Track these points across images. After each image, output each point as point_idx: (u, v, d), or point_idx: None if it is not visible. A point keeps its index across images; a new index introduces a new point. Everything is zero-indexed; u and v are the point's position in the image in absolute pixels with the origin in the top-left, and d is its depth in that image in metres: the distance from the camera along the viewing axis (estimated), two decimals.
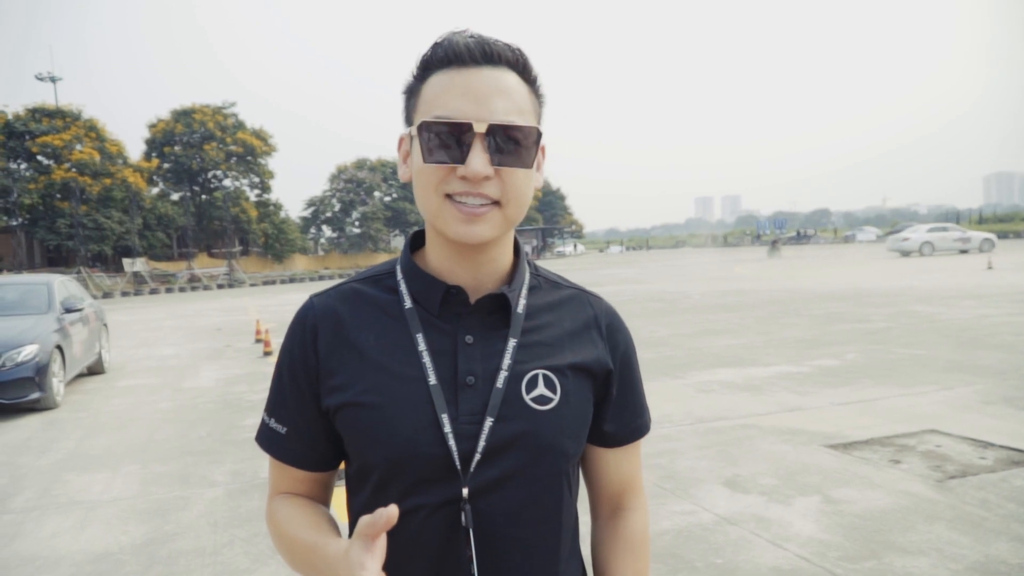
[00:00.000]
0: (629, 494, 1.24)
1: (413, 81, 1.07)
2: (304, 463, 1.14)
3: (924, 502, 4.41)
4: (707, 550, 3.91)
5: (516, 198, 1.03)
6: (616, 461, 1.21)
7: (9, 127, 41.67)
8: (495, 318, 1.09)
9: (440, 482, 1.03)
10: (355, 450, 1.09)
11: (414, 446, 1.02)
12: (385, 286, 1.13)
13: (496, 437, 1.03)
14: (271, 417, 1.15)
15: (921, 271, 24.99)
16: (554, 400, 1.07)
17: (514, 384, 1.06)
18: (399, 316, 1.09)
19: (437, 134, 0.99)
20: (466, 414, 1.04)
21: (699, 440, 5.93)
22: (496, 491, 1.04)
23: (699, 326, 13.12)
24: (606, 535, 1.22)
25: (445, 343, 1.07)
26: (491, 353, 1.07)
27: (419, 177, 1.03)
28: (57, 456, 6.50)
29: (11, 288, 10.32)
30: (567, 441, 1.08)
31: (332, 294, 1.15)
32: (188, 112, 50.02)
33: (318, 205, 62.07)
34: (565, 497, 1.11)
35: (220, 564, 4.05)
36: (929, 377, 7.84)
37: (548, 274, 1.21)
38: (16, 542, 4.52)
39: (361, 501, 1.10)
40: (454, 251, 1.08)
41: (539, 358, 1.09)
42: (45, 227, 41.46)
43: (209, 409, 8.15)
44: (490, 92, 1.00)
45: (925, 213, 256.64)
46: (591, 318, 1.17)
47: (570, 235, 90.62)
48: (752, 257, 46.31)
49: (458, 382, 1.05)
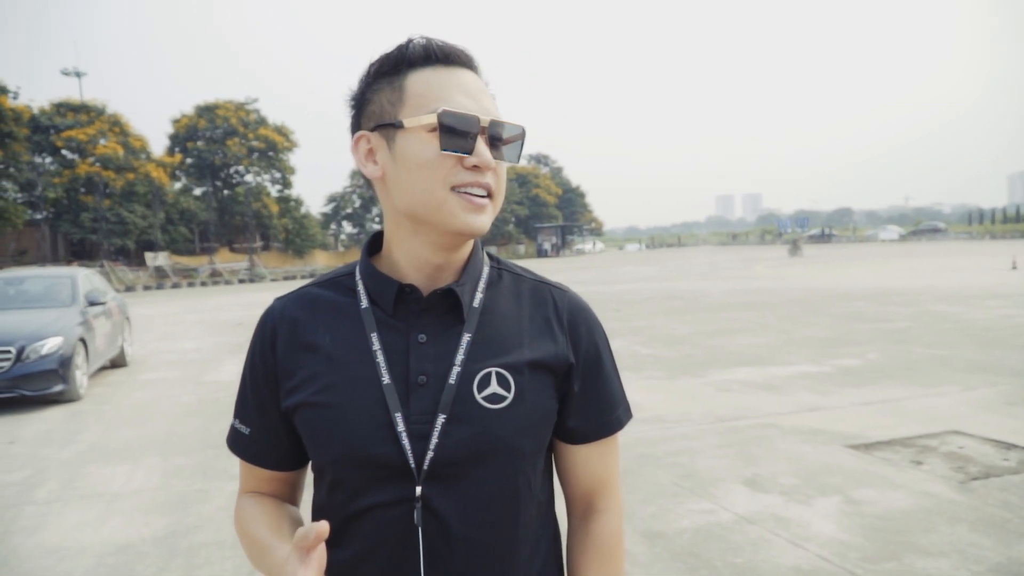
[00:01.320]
0: (601, 494, 1.21)
1: (385, 78, 1.06)
2: (267, 462, 1.17)
3: (946, 503, 4.36)
4: (726, 549, 3.89)
5: (501, 192, 1.07)
6: (585, 458, 1.18)
7: (35, 121, 42.11)
8: (450, 316, 1.09)
9: (393, 481, 1.03)
10: (311, 449, 1.10)
11: (367, 445, 1.03)
12: (344, 288, 1.14)
13: (448, 436, 1.03)
14: (236, 418, 1.19)
15: (944, 270, 24.72)
16: (508, 398, 1.06)
17: (466, 382, 1.05)
18: (355, 317, 1.10)
19: (452, 125, 1.00)
20: (418, 413, 1.04)
21: (718, 439, 5.90)
22: (449, 490, 1.03)
23: (719, 325, 13.05)
24: (577, 537, 1.21)
25: (399, 342, 1.07)
26: (444, 351, 1.07)
27: (423, 169, 1.02)
28: (80, 448, 6.57)
29: (36, 281, 10.45)
30: (522, 440, 1.07)
31: (292, 297, 1.17)
32: (211, 108, 50.36)
33: (338, 201, 62.37)
34: (523, 497, 1.09)
35: (240, 557, 4.08)
36: (952, 377, 7.76)
37: (511, 267, 1.20)
38: (39, 533, 4.58)
39: (319, 500, 1.12)
40: (439, 245, 1.07)
41: (494, 355, 1.08)
42: (69, 221, 41.91)
43: (229, 403, 8.11)
44: (479, 91, 1.05)
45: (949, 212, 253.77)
46: (552, 311, 1.15)
47: (589, 233, 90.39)
48: (772, 256, 46.02)
49: (410, 381, 1.05)
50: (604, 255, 69.25)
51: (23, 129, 39.00)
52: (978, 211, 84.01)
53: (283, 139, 51.99)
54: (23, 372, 8.12)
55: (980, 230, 70.02)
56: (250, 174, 52.71)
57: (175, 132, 50.62)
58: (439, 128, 1.01)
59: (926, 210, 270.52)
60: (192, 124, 50.07)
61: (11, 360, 8.11)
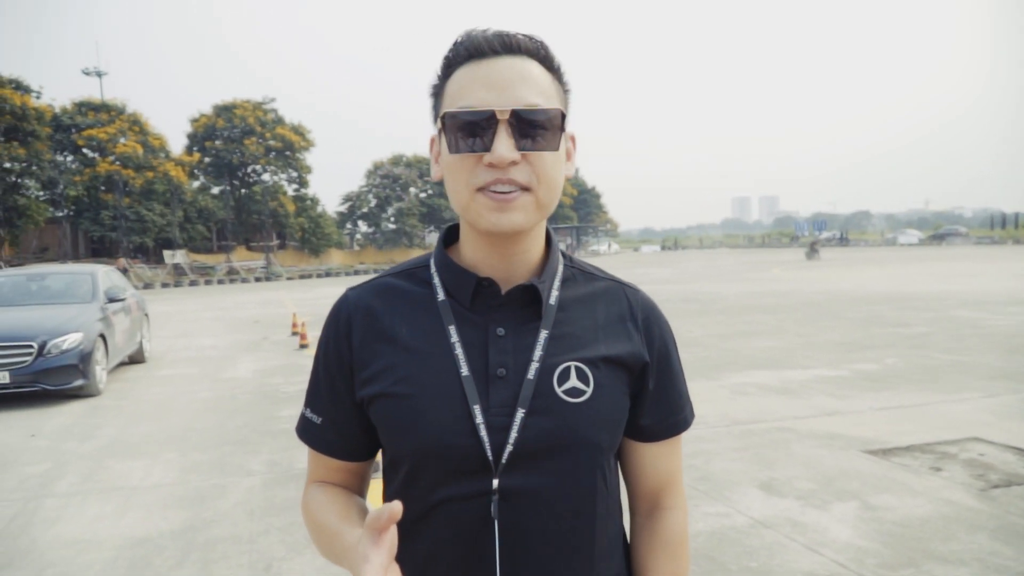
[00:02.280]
0: (667, 492, 1.21)
1: (438, 81, 1.08)
2: (338, 452, 1.16)
3: (966, 511, 4.32)
4: (741, 553, 3.87)
5: (546, 182, 1.03)
6: (654, 456, 1.19)
7: (56, 120, 42.53)
8: (528, 311, 1.09)
9: (471, 474, 1.03)
10: (387, 441, 1.10)
11: (445, 437, 1.03)
12: (419, 279, 1.14)
13: (528, 430, 1.03)
14: (308, 408, 1.18)
15: (965, 275, 24.49)
16: (587, 392, 1.06)
17: (546, 376, 1.05)
18: (432, 309, 1.10)
19: (461, 125, 1.00)
20: (497, 406, 1.03)
21: (734, 442, 5.88)
22: (527, 484, 1.03)
23: (735, 327, 13.00)
24: (644, 534, 1.21)
25: (477, 335, 1.07)
26: (523, 345, 1.07)
27: (449, 171, 1.04)
28: (99, 442, 6.64)
29: (57, 277, 10.58)
30: (600, 434, 1.08)
31: (367, 288, 1.16)
32: (229, 107, 50.65)
33: (354, 200, 62.48)
34: (600, 491, 1.09)
35: (256, 552, 4.11)
36: (972, 384, 7.69)
37: (584, 265, 1.20)
38: (59, 525, 4.62)
39: (393, 491, 1.12)
40: (487, 243, 1.08)
41: (571, 350, 1.08)
42: (89, 218, 42.28)
43: (246, 400, 8.26)
44: (511, 79, 1.00)
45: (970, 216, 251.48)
46: (626, 310, 1.16)
47: (604, 234, 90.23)
48: (789, 259, 45.78)
49: (489, 374, 1.05)
50: (619, 256, 69.09)
51: (45, 128, 39.40)
52: (1000, 215, 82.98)
53: (300, 138, 52.21)
54: (44, 367, 8.21)
55: (1002, 235, 69.25)
56: (267, 173, 52.97)
57: (193, 131, 50.95)
58: (444, 131, 1.02)
59: (947, 214, 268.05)
60: (210, 123, 50.37)
61: (33, 355, 8.20)
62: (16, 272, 10.91)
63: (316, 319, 16.22)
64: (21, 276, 10.64)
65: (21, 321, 8.73)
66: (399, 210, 61.18)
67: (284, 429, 6.80)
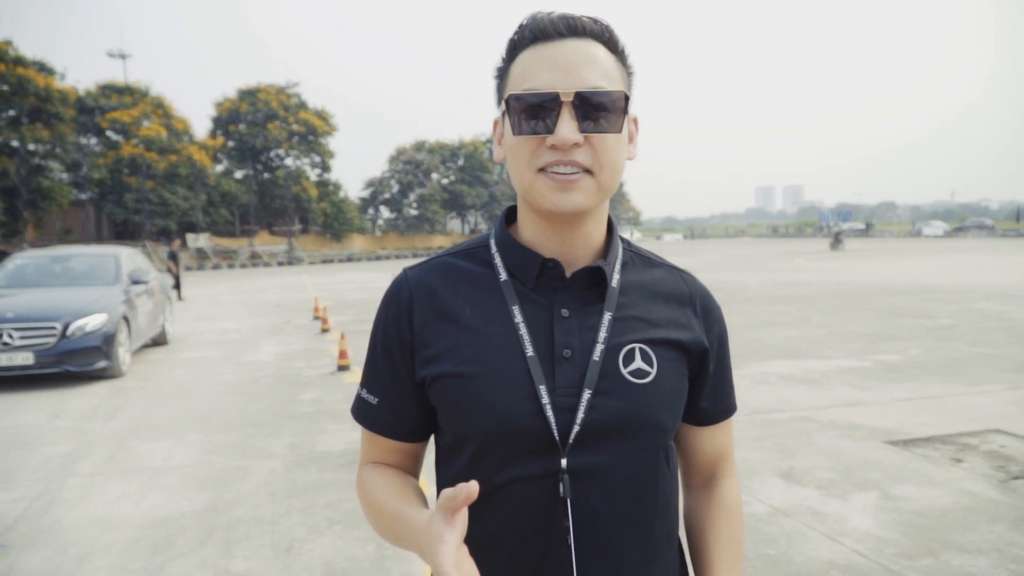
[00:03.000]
0: (722, 464, 1.25)
1: (503, 63, 1.08)
2: (394, 433, 1.16)
3: (985, 502, 4.29)
4: (760, 541, 3.87)
5: (609, 165, 1.02)
6: (711, 437, 1.23)
7: (81, 103, 42.88)
8: (591, 293, 1.09)
9: (538, 454, 1.03)
10: (451, 421, 1.10)
11: (512, 417, 1.03)
12: (479, 259, 1.14)
13: (595, 410, 1.03)
14: (363, 387, 1.17)
15: (990, 268, 24.19)
16: (651, 374, 1.07)
17: (611, 357, 1.06)
18: (494, 289, 1.10)
19: (525, 107, 1.00)
20: (564, 386, 1.04)
21: (755, 431, 5.86)
22: (594, 464, 1.04)
23: (758, 317, 12.92)
24: (702, 501, 1.24)
25: (541, 316, 1.07)
26: (587, 327, 1.07)
27: (512, 153, 1.04)
28: (122, 423, 6.72)
29: (81, 259, 10.69)
30: (664, 415, 1.09)
31: (426, 267, 1.16)
32: (253, 91, 50.86)
33: (377, 186, 62.65)
34: (663, 471, 1.11)
35: (277, 533, 4.15)
36: (996, 376, 7.60)
37: (640, 250, 1.21)
38: (83, 505, 4.69)
39: (455, 472, 1.11)
40: (548, 225, 1.08)
41: (635, 332, 1.09)
42: (113, 201, 42.68)
43: (268, 383, 8.33)
44: (576, 62, 1.00)
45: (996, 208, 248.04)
46: (686, 296, 1.17)
47: (627, 222, 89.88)
48: (813, 249, 45.41)
49: (555, 355, 1.05)
50: (641, 245, 68.72)
51: (69, 110, 39.71)
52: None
53: (323, 123, 52.36)
54: (68, 348, 8.32)
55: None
56: (290, 158, 53.20)
57: (217, 115, 51.23)
58: (507, 113, 1.03)
59: (973, 206, 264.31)
60: (234, 107, 50.62)
61: (56, 336, 8.31)
62: (40, 254, 11.03)
63: (338, 304, 16.33)
64: (45, 258, 10.76)
65: (45, 302, 8.83)
66: (421, 196, 61.29)
67: (305, 412, 6.85)
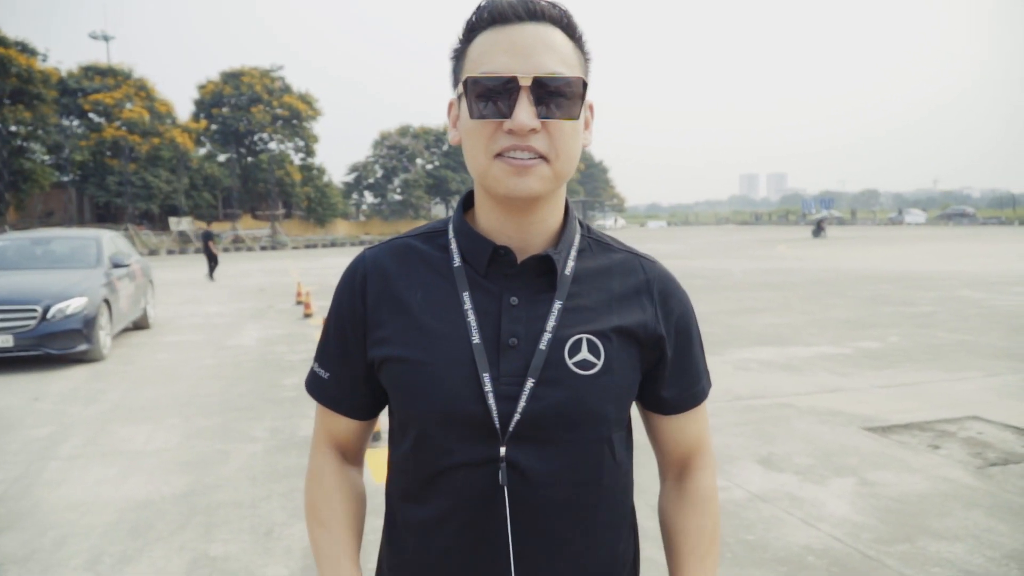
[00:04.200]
0: (696, 455, 1.23)
1: (459, 45, 1.07)
2: (344, 408, 1.17)
3: (962, 488, 4.34)
4: (738, 526, 3.90)
5: (565, 151, 1.02)
6: (679, 427, 1.21)
7: (63, 84, 42.39)
8: (542, 281, 1.08)
9: (479, 441, 1.03)
10: (398, 404, 1.11)
11: (455, 403, 1.03)
12: (437, 243, 1.14)
13: (537, 400, 1.03)
14: (316, 362, 1.19)
15: (971, 255, 24.40)
16: (597, 365, 1.06)
17: (557, 347, 1.05)
18: (448, 274, 1.10)
19: (483, 90, 0.99)
20: (507, 375, 1.04)
21: (735, 417, 5.90)
22: (534, 453, 1.04)
23: (740, 304, 12.99)
24: (672, 496, 1.23)
25: (490, 303, 1.07)
26: (536, 315, 1.06)
27: (468, 136, 1.03)
28: (103, 407, 6.68)
29: (62, 242, 10.59)
30: (608, 407, 1.08)
31: (385, 248, 1.16)
32: (237, 74, 50.44)
33: (361, 171, 62.33)
34: (607, 462, 1.10)
35: (258, 517, 4.15)
36: (974, 363, 7.68)
37: (601, 236, 1.20)
38: (63, 488, 4.67)
39: (401, 453, 1.12)
40: (503, 210, 1.07)
41: (584, 322, 1.08)
42: (95, 184, 42.29)
43: (250, 367, 8.30)
44: (535, 46, 1.00)
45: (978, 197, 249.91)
46: (643, 283, 1.15)
47: (611, 209, 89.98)
48: (795, 236, 45.63)
49: (501, 343, 1.05)
50: (625, 231, 68.92)
51: (51, 91, 39.27)
52: (1009, 196, 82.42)
53: (307, 107, 52.03)
54: (48, 331, 8.25)
55: (1010, 215, 68.88)
56: (273, 142, 52.88)
57: (200, 98, 50.78)
58: (465, 95, 1.02)
59: (955, 193, 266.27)
60: (217, 90, 50.19)
61: (36, 319, 8.24)
62: (21, 236, 10.93)
63: (321, 289, 16.28)
64: (26, 240, 10.66)
65: (25, 285, 8.76)
66: (405, 181, 61.05)
67: (288, 397, 6.84)
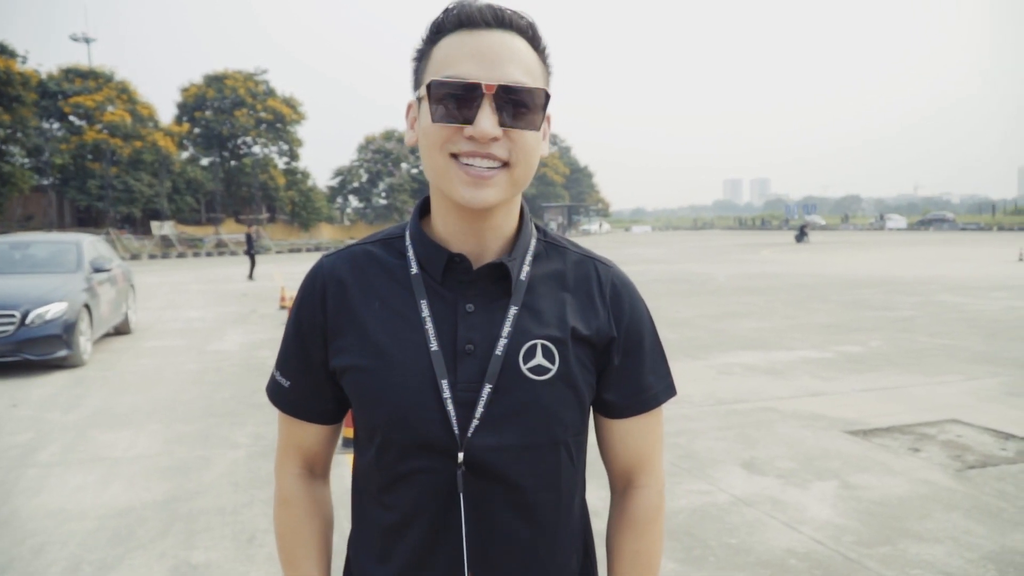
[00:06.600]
0: (640, 471, 1.20)
1: (424, 45, 1.07)
2: (306, 415, 1.18)
3: (942, 491, 4.38)
4: (722, 530, 3.91)
5: (525, 159, 1.03)
6: (624, 433, 1.18)
7: (43, 86, 41.99)
8: (498, 287, 1.09)
9: (438, 447, 1.04)
10: (359, 412, 1.11)
11: (413, 411, 1.04)
12: (395, 250, 1.14)
13: (494, 405, 1.04)
14: (278, 370, 1.20)
15: (951, 260, 24.65)
16: (552, 370, 1.07)
17: (512, 354, 1.06)
18: (405, 281, 1.10)
19: (446, 94, 0.99)
20: (464, 381, 1.04)
21: (718, 421, 5.92)
22: (492, 459, 1.04)
23: (724, 308, 13.05)
24: (614, 512, 1.22)
25: (447, 311, 1.07)
26: (491, 322, 1.07)
27: (426, 138, 1.03)
28: (83, 413, 6.62)
29: (41, 246, 10.49)
30: (564, 411, 1.08)
31: (343, 255, 1.16)
32: (220, 77, 50.17)
33: (345, 175, 62.16)
34: (564, 467, 1.10)
35: (240, 523, 4.12)
36: (954, 367, 7.76)
37: (558, 240, 1.20)
38: (41, 495, 4.62)
39: (366, 460, 1.13)
40: (458, 217, 1.07)
41: (539, 327, 1.08)
42: (76, 187, 41.91)
43: (233, 372, 8.25)
44: (500, 55, 1.00)
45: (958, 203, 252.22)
46: (595, 286, 1.15)
47: (596, 213, 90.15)
48: (778, 241, 45.90)
49: (457, 350, 1.05)
50: (610, 236, 69.14)
51: (31, 94, 38.87)
52: (988, 202, 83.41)
53: (291, 111, 51.82)
54: (27, 336, 8.17)
55: (989, 221, 69.69)
56: (257, 145, 52.61)
57: (183, 101, 50.47)
58: (428, 99, 1.01)
59: (935, 199, 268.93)
60: (200, 93, 49.89)
61: (15, 324, 8.15)
62: (0, 240, 10.81)
63: None
64: (4, 244, 10.52)
65: (4, 290, 8.64)
66: (390, 185, 60.96)
67: (270, 402, 6.79)
